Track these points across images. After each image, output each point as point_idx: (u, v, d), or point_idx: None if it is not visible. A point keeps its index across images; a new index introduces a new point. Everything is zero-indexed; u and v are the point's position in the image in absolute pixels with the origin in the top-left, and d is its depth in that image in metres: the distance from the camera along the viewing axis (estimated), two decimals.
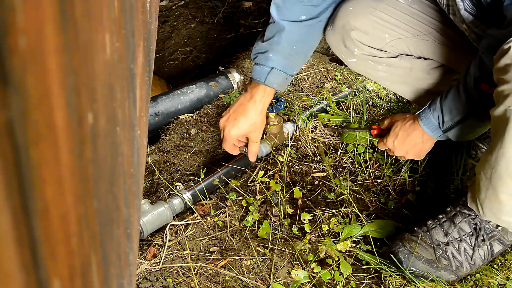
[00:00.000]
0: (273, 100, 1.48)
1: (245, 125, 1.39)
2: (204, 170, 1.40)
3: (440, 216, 1.26)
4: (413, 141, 1.28)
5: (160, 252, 1.24)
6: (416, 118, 1.26)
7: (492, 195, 1.14)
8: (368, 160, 1.55)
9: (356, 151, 1.55)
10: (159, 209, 1.27)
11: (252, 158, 1.46)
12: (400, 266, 1.20)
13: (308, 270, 1.21)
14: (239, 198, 1.39)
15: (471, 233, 1.21)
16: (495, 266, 1.27)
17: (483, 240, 1.21)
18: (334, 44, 1.47)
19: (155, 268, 1.19)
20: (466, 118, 1.16)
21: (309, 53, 1.46)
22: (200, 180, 1.37)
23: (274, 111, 1.49)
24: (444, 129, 1.20)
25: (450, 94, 1.18)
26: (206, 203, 1.36)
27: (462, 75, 1.18)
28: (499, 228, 1.23)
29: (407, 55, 1.44)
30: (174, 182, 1.44)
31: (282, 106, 1.48)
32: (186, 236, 1.28)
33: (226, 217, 1.34)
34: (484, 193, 1.16)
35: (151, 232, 1.28)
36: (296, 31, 1.35)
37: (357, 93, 1.88)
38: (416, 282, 1.19)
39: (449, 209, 1.26)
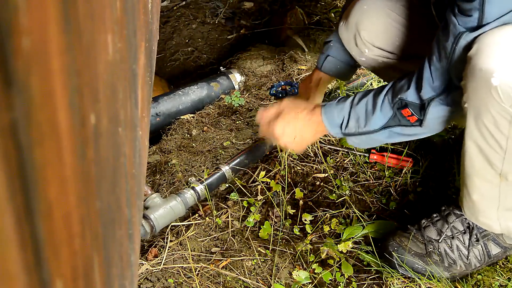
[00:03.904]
0: (287, 86, 1.46)
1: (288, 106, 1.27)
2: (208, 171, 1.40)
3: (434, 215, 1.26)
4: (306, 131, 1.21)
5: (161, 252, 1.24)
6: (315, 108, 1.20)
7: (467, 195, 1.15)
8: (369, 161, 1.54)
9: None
10: (171, 203, 1.22)
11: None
12: (390, 258, 1.21)
13: (310, 271, 1.21)
14: (240, 198, 1.39)
15: (463, 231, 1.21)
16: (497, 267, 1.26)
17: (477, 240, 1.21)
18: (345, 41, 1.45)
19: (157, 269, 1.19)
20: (370, 133, 1.14)
21: None
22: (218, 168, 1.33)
23: (287, 96, 1.46)
24: (345, 133, 1.18)
25: (363, 101, 1.15)
26: (208, 204, 1.36)
27: (382, 89, 1.15)
28: None
29: (418, 57, 1.44)
30: (175, 183, 1.44)
31: (296, 91, 1.45)
32: (187, 237, 1.28)
33: (227, 217, 1.34)
34: (462, 193, 1.17)
35: (163, 227, 1.24)
36: None
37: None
38: (417, 280, 1.19)
39: (443, 208, 1.26)
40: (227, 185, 1.36)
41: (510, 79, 0.89)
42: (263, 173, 1.44)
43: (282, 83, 1.48)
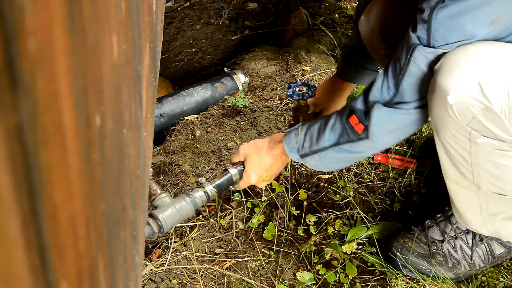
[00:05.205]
0: (304, 88, 1.44)
1: None
2: (216, 173, 1.40)
3: (438, 216, 1.26)
4: (273, 166, 1.28)
5: (165, 253, 1.24)
6: (272, 142, 1.26)
7: (452, 202, 1.17)
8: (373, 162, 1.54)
9: None
10: (180, 203, 1.18)
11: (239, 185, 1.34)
12: (394, 259, 1.22)
13: (314, 272, 1.21)
14: (244, 199, 1.39)
15: (466, 231, 1.22)
16: (501, 268, 1.26)
17: (481, 240, 1.21)
18: (363, 35, 1.43)
19: (161, 270, 1.19)
20: (321, 150, 1.15)
21: None
22: (226, 169, 1.32)
23: (304, 99, 1.43)
24: (301, 154, 1.19)
25: (318, 122, 1.17)
26: (212, 205, 1.36)
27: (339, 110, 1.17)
28: None
29: None
30: (179, 183, 1.44)
31: (312, 93, 1.42)
32: (191, 238, 1.28)
33: (231, 218, 1.34)
34: (450, 199, 1.18)
35: (171, 228, 1.20)
36: None
37: None
38: (422, 281, 1.19)
39: (447, 208, 1.26)
40: (232, 188, 1.35)
41: (465, 98, 0.90)
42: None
43: (300, 84, 1.45)
